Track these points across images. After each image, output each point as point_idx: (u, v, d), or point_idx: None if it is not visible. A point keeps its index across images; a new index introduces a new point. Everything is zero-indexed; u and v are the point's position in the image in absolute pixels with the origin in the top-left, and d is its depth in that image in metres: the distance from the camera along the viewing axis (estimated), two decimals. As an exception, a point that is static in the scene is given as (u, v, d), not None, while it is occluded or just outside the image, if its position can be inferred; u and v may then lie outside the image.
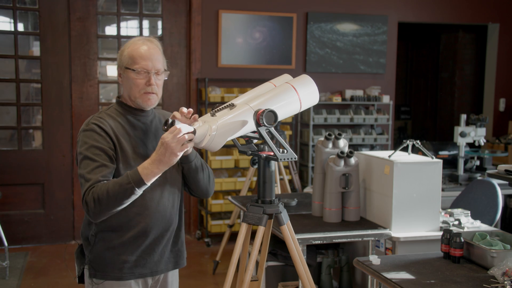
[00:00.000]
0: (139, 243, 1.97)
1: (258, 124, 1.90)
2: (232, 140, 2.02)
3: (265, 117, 1.89)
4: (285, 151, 1.99)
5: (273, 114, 1.90)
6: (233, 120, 1.90)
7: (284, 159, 1.97)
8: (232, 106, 1.94)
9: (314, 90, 2.04)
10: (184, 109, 1.88)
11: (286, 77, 2.15)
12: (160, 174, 1.82)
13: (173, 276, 2.15)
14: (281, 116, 1.97)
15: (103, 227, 1.95)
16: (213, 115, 1.91)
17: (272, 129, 1.94)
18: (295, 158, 1.98)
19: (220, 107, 1.94)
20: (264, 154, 2.03)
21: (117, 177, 1.88)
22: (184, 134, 1.75)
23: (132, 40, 2.04)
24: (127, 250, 1.96)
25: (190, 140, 1.79)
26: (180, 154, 1.77)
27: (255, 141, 2.10)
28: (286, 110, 2.00)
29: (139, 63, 1.96)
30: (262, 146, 2.05)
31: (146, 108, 2.02)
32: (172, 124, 1.80)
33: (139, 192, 1.82)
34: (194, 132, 1.79)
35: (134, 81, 1.97)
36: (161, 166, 1.78)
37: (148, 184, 1.81)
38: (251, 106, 1.94)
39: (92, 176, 1.83)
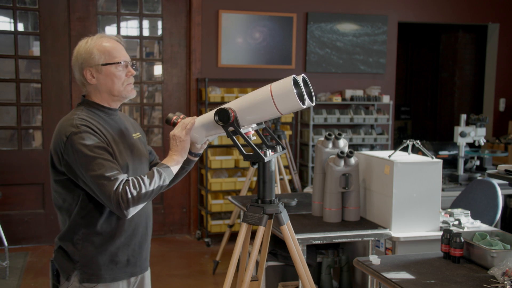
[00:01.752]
0: (129, 243, 1.99)
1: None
2: (259, 137, 2.13)
3: (218, 115, 1.91)
4: (273, 150, 2.02)
5: (226, 112, 1.89)
6: (207, 117, 1.98)
7: (249, 159, 1.97)
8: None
9: (290, 93, 1.86)
10: None
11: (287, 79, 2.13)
12: (181, 163, 1.97)
13: (147, 275, 2.18)
14: (255, 119, 1.96)
15: (92, 231, 1.92)
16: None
17: (237, 129, 1.93)
18: (261, 160, 1.95)
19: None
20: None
21: None
22: (184, 120, 1.96)
23: (92, 39, 2.01)
24: (119, 251, 1.96)
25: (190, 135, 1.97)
26: (187, 137, 1.94)
27: (253, 137, 2.10)
28: (259, 112, 1.94)
29: (118, 56, 1.96)
30: (263, 145, 2.05)
31: (128, 98, 2.02)
32: (166, 118, 2.05)
33: (167, 184, 1.94)
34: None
35: (117, 74, 1.95)
36: (179, 154, 1.95)
37: (174, 174, 1.95)
38: (225, 105, 1.98)
39: (115, 174, 1.80)
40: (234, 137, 1.97)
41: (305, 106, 1.90)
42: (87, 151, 1.81)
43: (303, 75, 1.97)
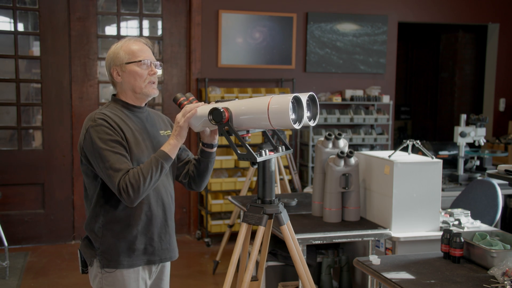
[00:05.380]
0: (146, 232, 2.09)
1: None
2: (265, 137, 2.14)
3: (212, 114, 1.93)
4: (271, 150, 2.00)
5: (219, 113, 1.92)
6: (205, 109, 2.00)
7: (242, 159, 1.97)
8: (232, 100, 2.03)
9: (285, 113, 1.84)
10: None
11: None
12: (179, 146, 2.03)
13: (168, 265, 2.28)
14: (249, 126, 1.96)
15: (110, 219, 2.06)
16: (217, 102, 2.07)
17: (231, 128, 1.94)
18: (253, 160, 1.94)
19: (226, 99, 2.06)
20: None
21: None
22: (187, 106, 2.00)
23: (121, 41, 2.16)
24: (137, 239, 2.07)
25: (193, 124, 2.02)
26: (185, 124, 1.99)
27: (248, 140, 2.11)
28: (253, 121, 1.94)
29: (140, 55, 2.11)
30: (262, 145, 2.06)
31: (150, 97, 2.15)
32: (174, 97, 2.11)
33: (167, 167, 2.00)
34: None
35: (139, 72, 2.09)
36: (174, 138, 2.01)
37: (173, 158, 2.01)
38: (229, 103, 1.99)
39: (121, 166, 1.94)
40: (229, 136, 1.97)
41: (298, 128, 1.90)
42: (101, 143, 1.97)
43: (311, 93, 1.94)
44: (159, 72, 2.18)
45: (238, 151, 1.96)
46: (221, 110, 1.91)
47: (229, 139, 1.97)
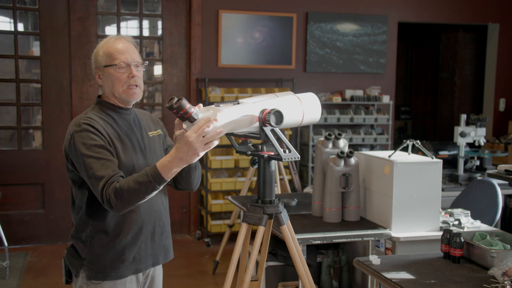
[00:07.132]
0: (136, 241, 2.01)
1: (263, 123, 1.89)
2: (229, 139, 2.05)
3: (272, 116, 1.88)
4: (287, 150, 1.97)
5: (279, 114, 1.89)
6: (236, 113, 1.84)
7: (288, 159, 1.96)
8: (236, 102, 1.93)
9: (317, 108, 2.06)
10: None
11: (288, 92, 2.16)
12: (179, 171, 1.79)
13: (159, 270, 2.21)
14: (285, 123, 1.95)
15: (99, 228, 1.96)
16: (217, 105, 1.86)
17: (277, 129, 1.92)
18: (297, 158, 1.95)
19: (225, 101, 1.93)
20: (266, 154, 2.00)
21: None
22: (209, 134, 1.71)
23: (104, 40, 2.07)
24: (126, 249, 1.99)
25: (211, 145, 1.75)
26: (202, 154, 1.74)
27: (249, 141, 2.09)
28: (288, 117, 1.96)
29: (118, 58, 1.99)
30: (260, 146, 2.04)
31: (131, 101, 2.03)
32: (179, 104, 1.70)
33: (159, 188, 1.81)
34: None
35: (116, 76, 1.98)
36: (181, 163, 1.75)
37: (168, 180, 1.80)
38: (256, 104, 1.94)
39: (103, 172, 1.83)
40: (275, 138, 1.94)
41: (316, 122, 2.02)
42: (84, 149, 1.87)
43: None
44: (140, 73, 2.01)
45: (282, 151, 1.94)
46: (281, 112, 1.88)
47: (274, 140, 1.91)
